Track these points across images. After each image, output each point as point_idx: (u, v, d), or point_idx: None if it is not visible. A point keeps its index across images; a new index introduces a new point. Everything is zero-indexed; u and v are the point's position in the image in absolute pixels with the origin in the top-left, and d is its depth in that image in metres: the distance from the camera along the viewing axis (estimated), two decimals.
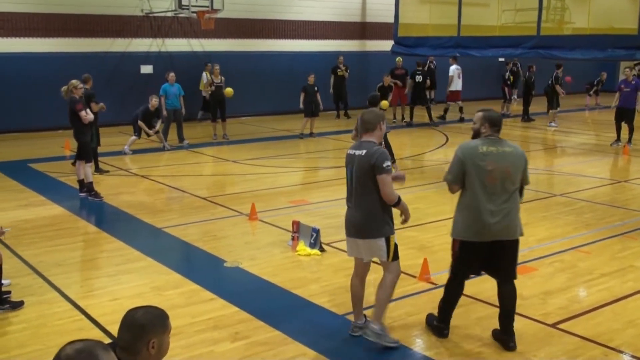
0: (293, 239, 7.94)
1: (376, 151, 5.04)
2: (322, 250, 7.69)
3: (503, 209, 5.01)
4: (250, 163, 13.57)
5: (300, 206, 9.96)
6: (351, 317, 5.82)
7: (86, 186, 10.38)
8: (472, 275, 5.65)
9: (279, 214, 9.46)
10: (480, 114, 5.24)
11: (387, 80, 19.10)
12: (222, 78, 16.63)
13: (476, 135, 5.22)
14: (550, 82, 19.51)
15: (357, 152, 5.14)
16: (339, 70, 21.00)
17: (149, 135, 14.83)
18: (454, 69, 20.39)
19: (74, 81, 10.22)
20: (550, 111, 19.65)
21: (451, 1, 18.00)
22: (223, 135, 16.75)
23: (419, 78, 19.88)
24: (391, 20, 20.06)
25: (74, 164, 12.60)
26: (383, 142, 8.03)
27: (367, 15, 24.06)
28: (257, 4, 21.16)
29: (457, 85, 20.45)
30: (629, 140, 15.64)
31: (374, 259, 5.39)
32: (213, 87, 16.48)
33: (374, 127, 5.21)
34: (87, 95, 12.22)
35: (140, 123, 14.58)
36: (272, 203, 10.16)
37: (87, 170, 10.33)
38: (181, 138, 15.76)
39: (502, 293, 5.29)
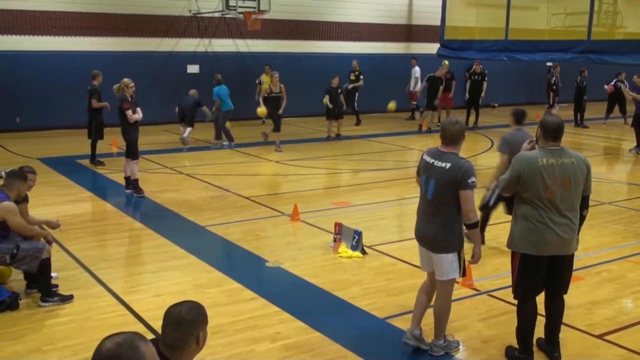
0: (335, 240, 7.92)
1: (463, 165, 4.85)
2: (363, 252, 7.65)
3: (562, 223, 4.82)
4: (293, 164, 13.61)
5: (342, 208, 9.94)
6: (392, 321, 5.80)
7: (132, 183, 10.54)
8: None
9: (321, 215, 9.45)
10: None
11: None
12: (282, 86, 15.47)
13: (537, 140, 5.07)
14: None
15: (439, 164, 4.91)
16: (352, 74, 19.93)
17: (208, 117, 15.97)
18: (418, 70, 21.12)
19: (125, 79, 10.26)
20: None
21: (499, 4, 17.77)
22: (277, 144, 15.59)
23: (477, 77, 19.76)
24: (437, 23, 19.91)
25: (92, 162, 13.05)
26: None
27: (414, 17, 23.93)
28: (304, 5, 21.24)
29: (418, 86, 21.21)
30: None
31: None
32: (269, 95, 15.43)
33: (459, 140, 4.98)
34: (90, 92, 12.67)
35: (204, 108, 15.92)
36: (314, 204, 10.16)
37: (133, 167, 10.48)
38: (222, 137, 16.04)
39: (552, 304, 5.15)
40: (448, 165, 4.87)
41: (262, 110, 15.51)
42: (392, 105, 17.08)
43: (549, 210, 4.82)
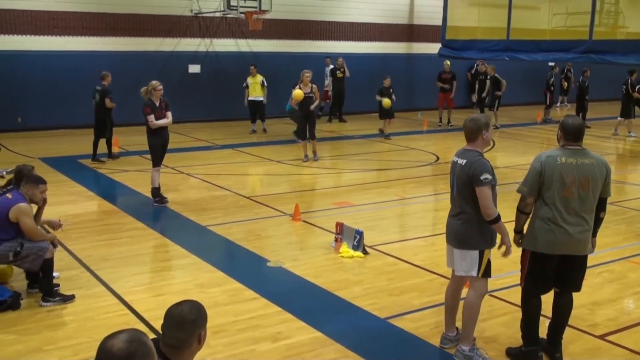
0: (336, 240, 7.91)
1: (475, 161, 4.85)
2: (365, 252, 7.65)
3: (577, 224, 4.83)
4: (294, 163, 13.61)
5: (343, 208, 9.93)
6: (394, 321, 5.80)
7: (152, 191, 10.00)
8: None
9: (323, 215, 9.45)
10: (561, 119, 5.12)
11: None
12: (313, 86, 13.53)
13: (558, 141, 5.06)
14: (623, 89, 18.89)
15: (460, 161, 4.98)
16: (338, 72, 20.07)
17: None
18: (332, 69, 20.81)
19: (153, 82, 9.77)
20: (624, 120, 18.83)
21: (501, 4, 17.76)
22: (313, 153, 14.01)
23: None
24: (439, 22, 19.89)
25: (94, 159, 13.15)
26: None
27: (415, 17, 23.91)
28: (305, 5, 21.24)
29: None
30: None
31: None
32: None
33: (476, 137, 4.96)
34: (102, 91, 12.76)
35: None
36: (315, 204, 10.15)
37: (153, 174, 9.94)
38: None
39: (559, 303, 5.14)
40: (464, 161, 4.92)
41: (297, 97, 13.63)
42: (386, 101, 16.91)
43: (565, 211, 4.82)
